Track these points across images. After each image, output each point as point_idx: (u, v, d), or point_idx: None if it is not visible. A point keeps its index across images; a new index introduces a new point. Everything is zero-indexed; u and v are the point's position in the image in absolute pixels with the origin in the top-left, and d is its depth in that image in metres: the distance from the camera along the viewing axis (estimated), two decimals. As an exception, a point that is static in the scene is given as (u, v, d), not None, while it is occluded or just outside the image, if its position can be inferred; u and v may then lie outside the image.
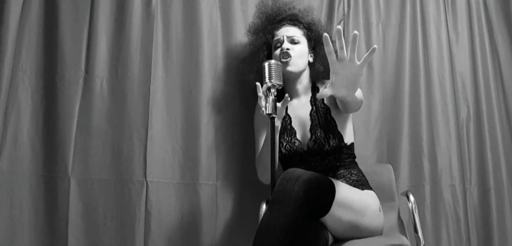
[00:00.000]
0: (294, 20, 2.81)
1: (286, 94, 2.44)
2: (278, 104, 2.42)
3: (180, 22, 3.07)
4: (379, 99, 3.23)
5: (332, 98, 2.65)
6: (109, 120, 2.89)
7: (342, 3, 3.33)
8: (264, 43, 2.82)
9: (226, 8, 3.15)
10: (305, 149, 2.60)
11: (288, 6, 2.85)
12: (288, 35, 2.71)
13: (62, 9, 2.93)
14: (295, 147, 2.61)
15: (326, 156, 2.57)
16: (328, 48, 1.98)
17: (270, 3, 2.89)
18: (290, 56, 2.64)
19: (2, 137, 2.72)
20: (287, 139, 2.64)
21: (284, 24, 2.79)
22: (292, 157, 2.59)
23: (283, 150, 2.63)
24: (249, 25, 2.93)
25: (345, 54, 1.97)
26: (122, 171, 2.85)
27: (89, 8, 2.97)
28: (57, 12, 2.93)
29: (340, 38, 1.95)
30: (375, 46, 1.96)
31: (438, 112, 3.25)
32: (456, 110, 3.28)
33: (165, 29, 3.04)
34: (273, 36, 2.80)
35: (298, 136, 2.64)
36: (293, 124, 2.67)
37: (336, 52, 2.00)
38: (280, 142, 2.64)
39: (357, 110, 2.56)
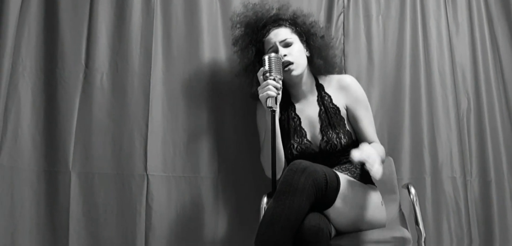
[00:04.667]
0: (278, 20, 2.73)
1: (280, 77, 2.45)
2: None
3: (180, 15, 3.07)
4: (379, 92, 3.22)
5: (342, 101, 2.69)
6: (110, 114, 2.89)
7: (342, -5, 3.32)
8: (256, 53, 2.75)
9: (226, 0, 3.15)
10: (317, 149, 2.60)
11: (266, 9, 2.76)
12: (280, 39, 2.64)
13: (62, 3, 2.94)
14: (306, 148, 2.61)
15: (338, 155, 2.58)
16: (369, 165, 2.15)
17: (247, 9, 2.79)
18: (292, 62, 2.59)
19: (2, 132, 2.72)
20: (298, 140, 2.64)
21: (270, 29, 2.70)
22: (303, 158, 2.49)
23: (294, 151, 2.63)
24: (233, 40, 2.84)
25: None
26: (123, 165, 2.85)
27: (89, 2, 2.98)
28: (57, 6, 2.93)
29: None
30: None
31: (439, 104, 3.24)
32: (456, 102, 3.27)
33: (165, 23, 3.04)
34: (262, 43, 2.73)
35: (309, 137, 2.64)
36: (303, 125, 2.66)
37: None
38: (290, 144, 2.64)
39: None
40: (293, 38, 2.67)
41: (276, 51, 2.60)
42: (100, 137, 2.86)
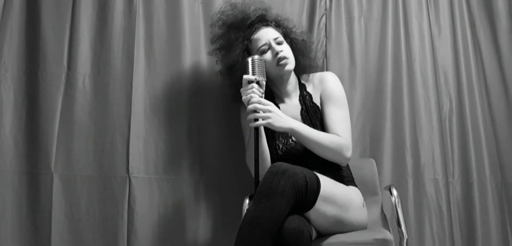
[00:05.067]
0: (264, 20, 2.74)
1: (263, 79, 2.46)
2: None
3: (162, 17, 3.07)
4: (361, 94, 3.22)
5: (319, 98, 2.68)
6: (92, 117, 2.90)
7: (324, -3, 3.33)
8: (243, 51, 2.72)
9: (208, 3, 3.14)
10: (301, 149, 2.58)
11: (251, 9, 2.75)
12: (272, 37, 2.65)
13: (44, 5, 2.95)
14: (290, 148, 2.61)
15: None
16: None
17: (231, 10, 2.76)
18: (287, 57, 2.61)
19: (-16, 133, 2.72)
20: (283, 141, 2.63)
21: (258, 27, 2.71)
22: (288, 158, 2.53)
23: (280, 152, 2.62)
24: (212, 38, 2.82)
25: None
26: (105, 167, 2.86)
27: (71, 4, 2.99)
28: (39, 8, 2.94)
29: None
30: None
31: (421, 106, 3.25)
32: (438, 104, 3.27)
33: (147, 25, 3.05)
34: (250, 41, 2.71)
35: (294, 137, 2.62)
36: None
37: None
38: (276, 144, 2.64)
39: (329, 159, 2.53)
40: (282, 38, 2.69)
41: (269, 48, 2.62)
42: (82, 138, 2.87)
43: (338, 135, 2.52)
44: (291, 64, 2.64)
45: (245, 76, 2.43)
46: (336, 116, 2.59)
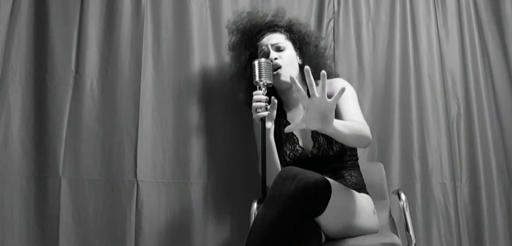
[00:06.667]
0: (273, 26, 2.76)
1: (273, 97, 2.43)
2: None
3: (170, 21, 3.07)
4: (369, 98, 3.23)
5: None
6: (100, 120, 2.89)
7: (332, 1, 3.32)
8: (249, 58, 2.76)
9: (216, 8, 3.15)
10: (309, 155, 2.58)
11: (260, 15, 2.80)
12: (272, 42, 2.67)
13: (51, 9, 2.94)
14: (298, 155, 2.60)
15: (331, 162, 2.57)
16: (296, 86, 2.04)
17: (242, 18, 2.82)
18: (280, 66, 2.61)
19: (-8, 138, 2.72)
20: (290, 147, 2.63)
21: (264, 34, 2.74)
22: (296, 164, 2.50)
23: (287, 159, 2.62)
24: (228, 44, 2.89)
25: (315, 92, 2.01)
26: (113, 171, 2.85)
27: (78, 8, 2.97)
28: (47, 12, 2.93)
29: (308, 77, 2.01)
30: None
31: (429, 110, 3.25)
32: (446, 108, 3.27)
33: (155, 29, 3.04)
34: (256, 48, 2.75)
35: (301, 143, 2.62)
36: (285, 130, 2.64)
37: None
38: (283, 151, 2.64)
39: (361, 146, 2.49)
40: (286, 44, 2.70)
41: (267, 53, 2.60)
42: (90, 142, 2.86)
43: (358, 120, 2.50)
44: (285, 75, 2.62)
45: (254, 98, 2.41)
46: (351, 106, 2.56)
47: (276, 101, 2.43)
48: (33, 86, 2.87)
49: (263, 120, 2.35)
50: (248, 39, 2.78)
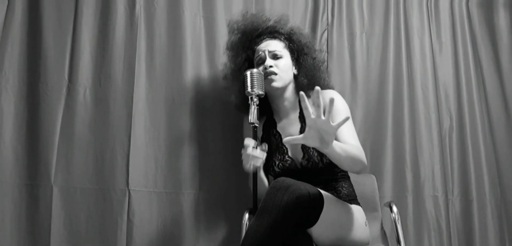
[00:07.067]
0: (274, 32, 2.75)
1: (264, 143, 2.42)
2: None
3: (163, 31, 3.07)
4: (362, 109, 3.24)
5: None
6: (92, 129, 2.89)
7: (325, 13, 3.34)
8: (245, 60, 2.77)
9: (210, 18, 3.15)
10: (299, 167, 2.58)
11: (263, 19, 2.79)
12: (270, 49, 2.66)
13: (45, 17, 2.94)
14: (287, 165, 2.59)
15: (321, 174, 2.56)
16: (304, 104, 2.04)
17: (245, 18, 2.81)
18: (276, 73, 2.59)
19: (-16, 145, 2.72)
20: (280, 157, 2.62)
21: (264, 39, 2.72)
22: (285, 174, 2.50)
23: (276, 169, 2.61)
24: (227, 43, 2.88)
25: (321, 114, 2.03)
26: (105, 180, 2.84)
27: (72, 17, 2.97)
28: (41, 21, 2.93)
29: (317, 98, 2.02)
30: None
31: (421, 122, 3.26)
32: (439, 120, 3.29)
33: (148, 38, 3.04)
34: (253, 51, 2.74)
35: (290, 153, 2.61)
36: (283, 141, 2.64)
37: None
38: (272, 161, 2.63)
39: (355, 171, 2.51)
40: (284, 53, 2.68)
41: (263, 59, 2.62)
42: (82, 151, 2.85)
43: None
44: (278, 82, 2.61)
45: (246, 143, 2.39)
46: (349, 130, 2.55)
47: (266, 146, 2.42)
48: (26, 94, 2.87)
49: (254, 127, 2.35)
50: (247, 41, 2.76)
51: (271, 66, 2.59)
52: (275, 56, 2.64)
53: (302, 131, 2.61)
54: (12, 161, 2.78)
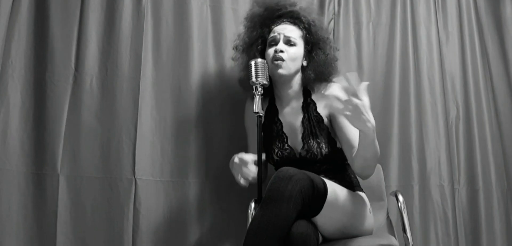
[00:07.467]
0: (295, 18, 2.69)
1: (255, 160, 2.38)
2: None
3: (170, 20, 3.06)
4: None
5: (326, 110, 2.59)
6: (99, 118, 2.89)
7: (332, 2, 3.33)
8: (259, 36, 2.73)
9: (217, 6, 3.15)
10: (297, 156, 2.57)
11: (290, 2, 2.73)
12: (286, 34, 2.60)
13: (52, 6, 2.94)
14: (286, 154, 2.58)
15: (321, 164, 2.55)
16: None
17: (260, 3, 2.76)
18: (283, 60, 2.55)
19: (-9, 134, 2.72)
20: (279, 145, 2.61)
21: (283, 21, 2.68)
22: (284, 163, 2.52)
23: (275, 157, 2.61)
24: (247, 13, 2.81)
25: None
26: (111, 169, 2.85)
27: (79, 6, 2.97)
28: (47, 9, 2.93)
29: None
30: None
31: (428, 112, 3.26)
32: (445, 110, 3.29)
33: (155, 27, 3.04)
34: (270, 31, 2.70)
35: (289, 142, 2.60)
36: (284, 130, 2.63)
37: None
38: (272, 149, 2.62)
39: (365, 173, 2.38)
40: (298, 41, 2.63)
41: (276, 42, 2.60)
42: (88, 140, 2.86)
43: None
44: (284, 69, 2.57)
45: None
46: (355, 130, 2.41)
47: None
48: (33, 83, 2.87)
49: (259, 117, 2.33)
50: (268, 18, 2.72)
51: (281, 52, 2.55)
52: (288, 42, 2.60)
53: (304, 121, 2.60)
54: (19, 150, 2.78)
